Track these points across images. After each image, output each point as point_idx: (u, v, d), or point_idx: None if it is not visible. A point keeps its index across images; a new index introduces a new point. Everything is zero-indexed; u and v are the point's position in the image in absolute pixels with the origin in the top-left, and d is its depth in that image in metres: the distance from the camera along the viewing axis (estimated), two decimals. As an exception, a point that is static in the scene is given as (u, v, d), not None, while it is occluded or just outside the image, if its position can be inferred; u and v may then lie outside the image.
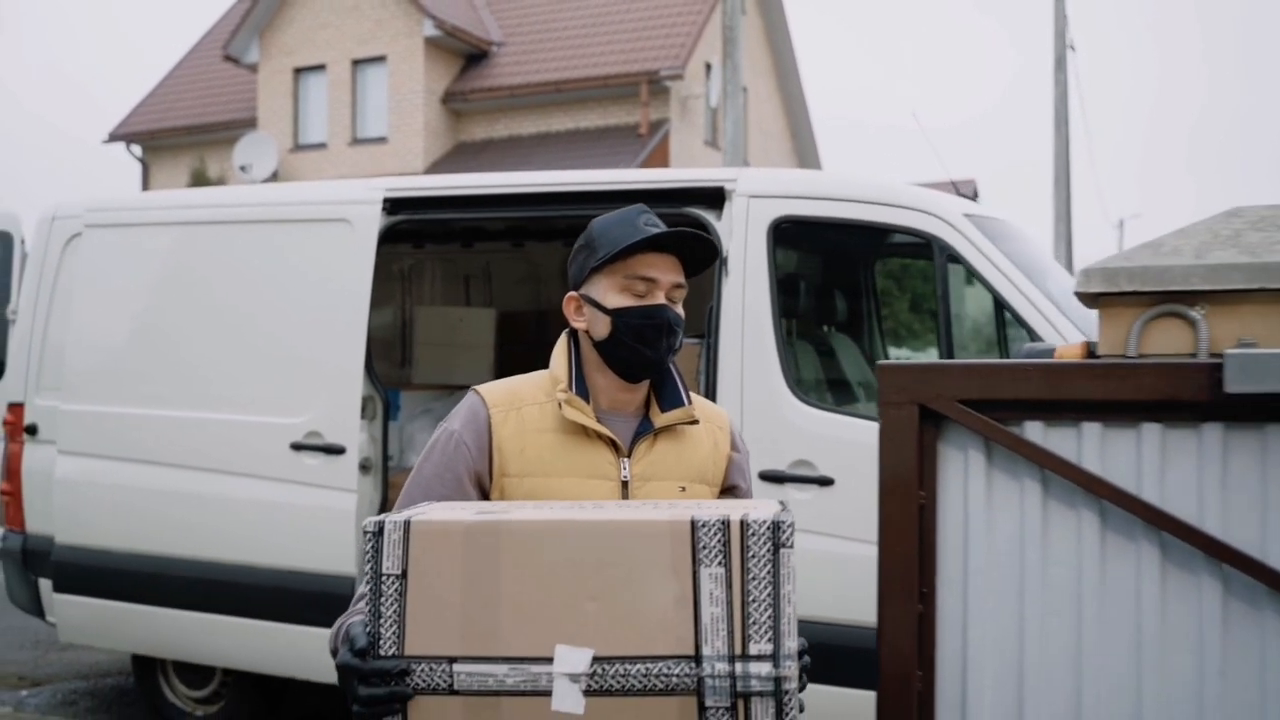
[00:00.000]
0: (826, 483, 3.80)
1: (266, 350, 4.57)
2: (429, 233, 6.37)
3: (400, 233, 4.94)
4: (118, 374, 4.81)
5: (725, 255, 3.99)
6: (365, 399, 4.42)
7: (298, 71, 20.34)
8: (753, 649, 1.52)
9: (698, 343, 4.09)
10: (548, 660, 1.53)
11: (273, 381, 4.53)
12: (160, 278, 4.82)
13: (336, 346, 4.43)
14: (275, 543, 4.46)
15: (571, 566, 1.54)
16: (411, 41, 19.33)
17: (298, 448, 4.44)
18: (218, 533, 4.55)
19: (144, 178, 22.45)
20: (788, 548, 1.53)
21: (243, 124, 20.78)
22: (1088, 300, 2.45)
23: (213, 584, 4.55)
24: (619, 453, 1.91)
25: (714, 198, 4.09)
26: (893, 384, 2.46)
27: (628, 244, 1.87)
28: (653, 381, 1.98)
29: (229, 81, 21.96)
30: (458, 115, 20.09)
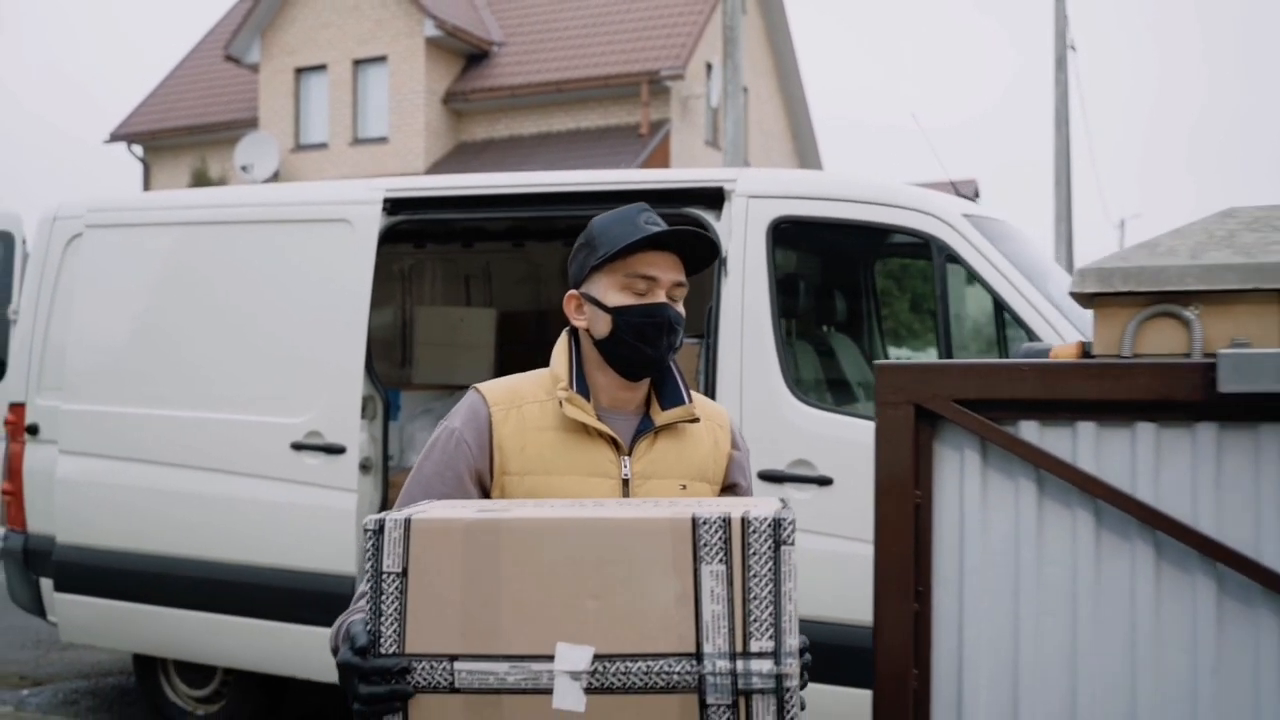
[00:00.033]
0: (825, 482, 3.81)
1: (267, 350, 4.58)
2: (429, 233, 6.37)
3: (401, 233, 4.95)
4: (119, 374, 4.82)
5: (725, 255, 4.00)
6: (366, 399, 4.44)
7: (299, 71, 20.34)
8: (754, 646, 1.52)
9: (697, 342, 4.10)
10: (549, 658, 1.53)
11: (273, 381, 4.55)
12: (161, 278, 4.83)
13: (337, 346, 4.45)
14: (276, 542, 4.47)
15: (572, 564, 1.54)
16: (412, 41, 19.33)
17: (298, 447, 4.45)
18: (218, 532, 4.56)
19: (145, 178, 22.46)
20: (789, 545, 1.53)
21: (244, 124, 20.79)
22: (1083, 300, 2.46)
23: (214, 583, 4.56)
24: (620, 451, 1.92)
25: (713, 198, 4.10)
26: (889, 384, 2.47)
27: (628, 242, 1.88)
28: (653, 380, 1.99)
29: (230, 81, 21.96)
30: (459, 115, 20.09)
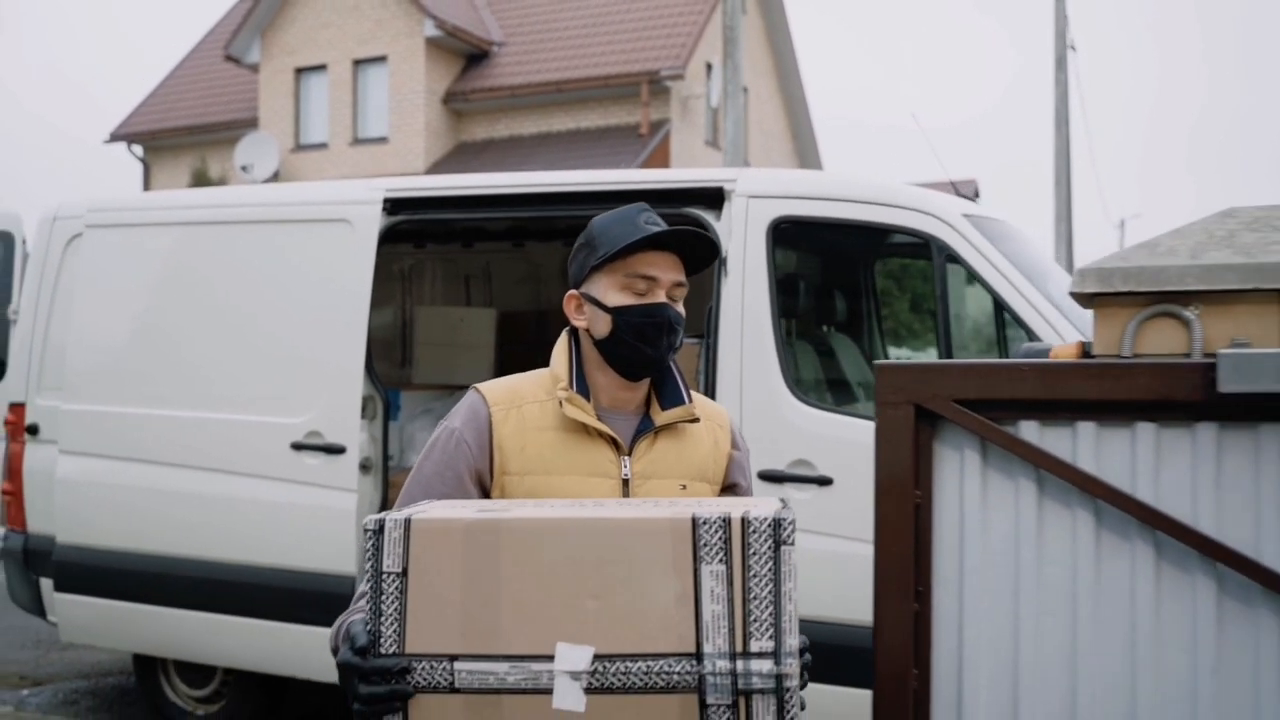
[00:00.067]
0: (825, 482, 3.81)
1: (267, 350, 4.58)
2: (429, 233, 6.37)
3: (401, 233, 4.95)
4: (119, 374, 4.82)
5: (725, 255, 4.00)
6: (365, 399, 4.44)
7: (299, 71, 20.35)
8: (754, 646, 1.51)
9: (697, 343, 4.09)
10: (549, 658, 1.53)
11: (273, 381, 4.55)
12: (161, 278, 4.83)
13: (337, 346, 4.45)
14: (276, 542, 4.47)
15: (572, 564, 1.54)
16: (412, 41, 19.34)
17: (298, 447, 4.45)
18: (219, 532, 4.56)
19: (145, 178, 22.47)
20: (789, 545, 1.53)
21: (244, 124, 20.79)
22: (1083, 300, 2.46)
23: (214, 584, 4.56)
24: (620, 451, 1.92)
25: (713, 198, 4.10)
26: (889, 384, 2.47)
27: (628, 242, 1.88)
28: (653, 380, 1.99)
29: (230, 81, 21.97)
30: (459, 115, 20.09)
